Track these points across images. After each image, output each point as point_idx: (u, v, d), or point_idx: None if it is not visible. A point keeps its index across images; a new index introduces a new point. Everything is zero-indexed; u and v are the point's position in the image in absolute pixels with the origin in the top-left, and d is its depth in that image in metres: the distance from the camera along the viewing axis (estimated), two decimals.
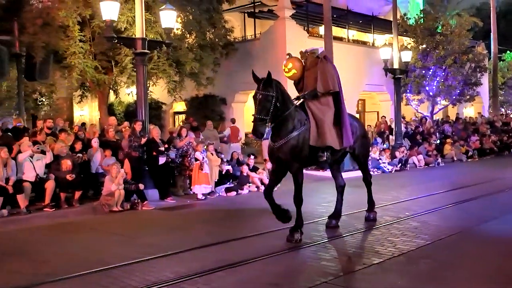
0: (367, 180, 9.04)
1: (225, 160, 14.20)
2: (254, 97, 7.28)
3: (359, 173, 9.37)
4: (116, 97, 22.76)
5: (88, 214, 10.70)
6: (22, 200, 10.20)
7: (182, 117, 23.91)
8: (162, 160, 12.31)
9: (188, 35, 18.61)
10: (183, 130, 13.55)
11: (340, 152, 8.14)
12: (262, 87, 7.18)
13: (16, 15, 16.13)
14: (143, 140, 11.94)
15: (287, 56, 8.20)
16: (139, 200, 11.19)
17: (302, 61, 8.11)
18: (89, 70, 16.41)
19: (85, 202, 11.40)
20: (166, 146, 12.71)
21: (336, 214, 8.60)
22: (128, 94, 20.61)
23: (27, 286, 5.81)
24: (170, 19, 12.86)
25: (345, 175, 14.74)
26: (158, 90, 19.60)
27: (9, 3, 16.39)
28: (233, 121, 19.49)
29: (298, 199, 7.58)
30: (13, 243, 8.13)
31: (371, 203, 9.02)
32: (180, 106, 24.41)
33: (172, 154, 12.81)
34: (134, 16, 13.05)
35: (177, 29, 17.26)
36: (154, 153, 12.18)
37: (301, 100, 7.90)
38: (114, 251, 7.32)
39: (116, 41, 12.84)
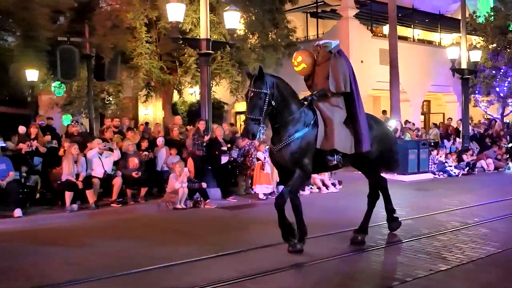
0: (375, 188, 7.93)
1: None
2: (246, 95, 6.77)
3: (424, 176, 9.05)
4: (180, 97, 23.22)
5: (152, 210, 10.98)
6: (91, 196, 10.59)
7: (243, 117, 24.07)
8: (224, 159, 12.45)
9: (250, 36, 18.72)
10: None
11: (353, 157, 7.24)
12: (253, 83, 6.58)
13: (87, 18, 16.77)
14: (207, 138, 12.13)
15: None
16: (201, 199, 11.37)
17: (314, 55, 7.36)
18: (154, 70, 16.84)
19: (150, 199, 11.73)
20: (229, 145, 12.84)
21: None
22: (191, 94, 20.96)
23: (93, 278, 5.99)
24: (234, 20, 12.97)
25: (409, 177, 14.45)
26: (220, 90, 19.85)
27: (81, 6, 17.06)
28: None
29: (296, 205, 7.02)
30: (81, 237, 8.44)
31: (365, 223, 7.68)
32: (242, 106, 24.61)
33: (234, 153, 12.93)
34: (199, 18, 13.26)
35: (240, 30, 17.41)
36: (217, 152, 12.34)
37: (309, 100, 7.10)
38: (176, 248, 7.45)
39: (181, 42, 13.11)
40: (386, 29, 22.93)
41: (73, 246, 7.72)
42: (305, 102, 7.05)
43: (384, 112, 20.69)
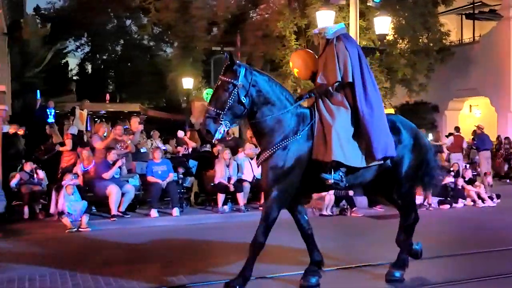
0: (407, 223, 6.06)
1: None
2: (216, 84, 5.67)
3: None
4: None
5: None
6: (241, 198, 11.04)
7: None
8: None
9: (400, 41, 18.15)
10: None
11: (369, 175, 5.73)
12: (223, 71, 5.40)
13: (239, 28, 17.59)
14: None
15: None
16: (348, 206, 11.26)
17: (310, 53, 6.02)
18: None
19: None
20: None
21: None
22: None
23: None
24: (384, 25, 12.71)
25: None
26: None
27: (234, 18, 17.96)
28: (457, 129, 18.29)
29: (256, 242, 5.40)
30: (232, 237, 8.80)
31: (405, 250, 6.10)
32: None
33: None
34: (348, 24, 13.17)
35: (389, 35, 16.97)
36: None
37: (304, 99, 5.78)
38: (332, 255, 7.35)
39: None
40: None
41: (224, 244, 8.07)
42: (300, 102, 5.68)
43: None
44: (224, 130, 5.32)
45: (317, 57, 5.83)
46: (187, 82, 19.38)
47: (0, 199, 9.99)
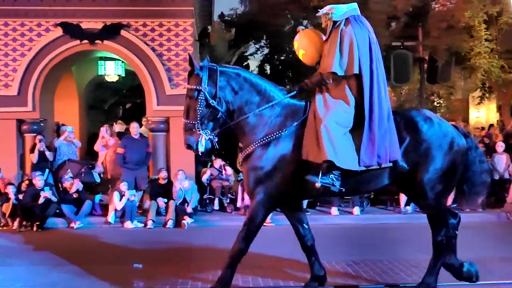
0: (436, 240, 5.12)
1: None
2: None
3: None
4: None
5: (491, 220, 10.35)
6: None
7: None
8: None
9: None
10: None
11: (379, 178, 5.01)
12: (187, 79, 5.06)
13: (420, 20, 16.74)
14: None
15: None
16: None
17: (317, 33, 5.28)
18: (494, 70, 15.71)
19: (488, 208, 10.95)
20: None
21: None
22: None
23: None
24: None
25: None
26: None
27: (415, 10, 17.15)
28: None
29: (235, 247, 4.98)
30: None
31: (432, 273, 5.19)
32: None
33: None
34: None
35: None
36: None
37: (295, 92, 5.21)
38: None
39: None
40: None
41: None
42: (289, 95, 5.18)
43: None
44: (206, 140, 4.95)
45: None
46: None
47: (194, 193, 10.83)
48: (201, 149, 4.96)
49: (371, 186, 5.26)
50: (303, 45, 5.18)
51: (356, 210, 10.56)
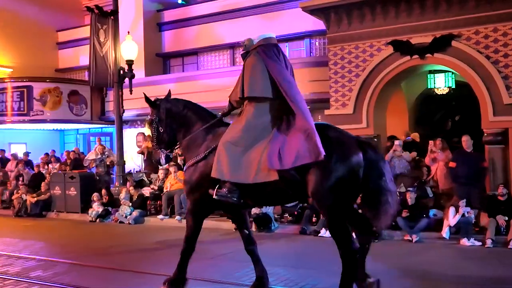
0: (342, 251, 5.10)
1: None
2: None
3: None
4: None
5: None
6: None
7: None
8: None
9: None
10: None
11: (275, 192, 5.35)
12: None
13: None
14: None
15: None
16: None
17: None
18: None
19: None
20: None
21: None
22: None
23: None
24: None
25: None
26: None
27: None
28: None
29: (182, 247, 5.91)
30: None
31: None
32: None
33: None
34: None
35: None
36: None
37: (219, 117, 6.02)
38: None
39: None
40: None
41: None
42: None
43: None
44: (165, 157, 6.18)
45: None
46: None
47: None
48: (163, 163, 6.47)
49: (276, 199, 5.85)
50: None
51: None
